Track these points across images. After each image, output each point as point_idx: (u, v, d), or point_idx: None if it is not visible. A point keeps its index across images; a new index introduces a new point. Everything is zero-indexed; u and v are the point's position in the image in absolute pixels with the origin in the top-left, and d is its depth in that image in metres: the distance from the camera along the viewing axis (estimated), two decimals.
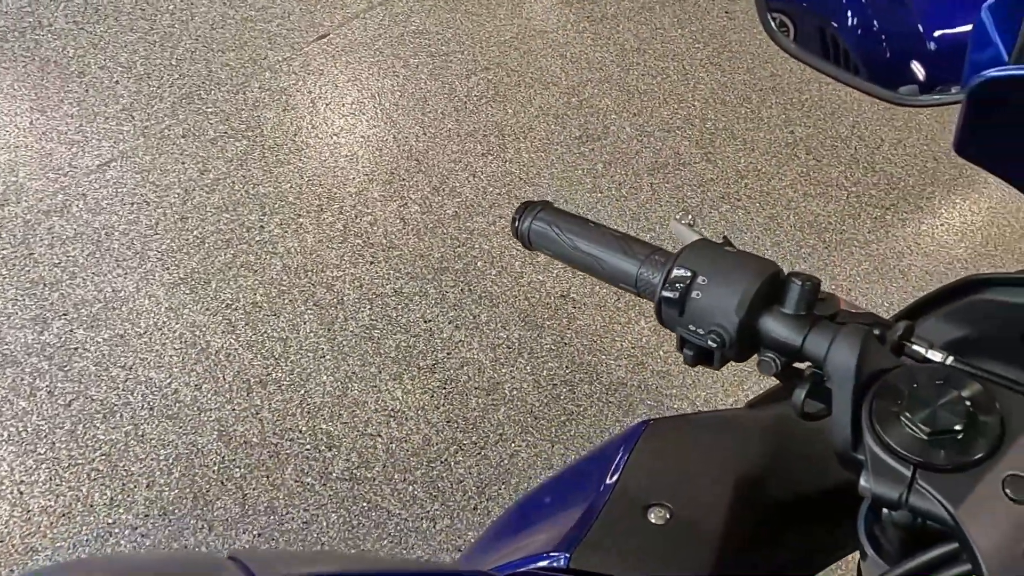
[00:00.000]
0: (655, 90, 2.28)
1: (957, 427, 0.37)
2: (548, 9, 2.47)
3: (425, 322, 1.72)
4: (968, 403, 0.37)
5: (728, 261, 0.46)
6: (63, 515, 1.41)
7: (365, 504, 1.47)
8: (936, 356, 0.43)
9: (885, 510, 0.41)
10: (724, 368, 0.48)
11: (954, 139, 0.45)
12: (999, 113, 0.43)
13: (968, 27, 0.54)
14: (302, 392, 1.59)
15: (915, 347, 0.43)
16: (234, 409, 1.55)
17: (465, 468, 1.53)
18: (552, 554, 0.50)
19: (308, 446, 1.52)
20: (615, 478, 0.55)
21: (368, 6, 2.39)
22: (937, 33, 0.59)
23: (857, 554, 0.46)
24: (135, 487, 1.45)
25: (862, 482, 0.39)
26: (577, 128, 2.15)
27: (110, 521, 1.41)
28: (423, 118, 2.12)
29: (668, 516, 0.51)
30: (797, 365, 0.47)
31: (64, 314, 1.66)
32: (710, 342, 0.45)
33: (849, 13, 0.63)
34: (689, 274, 0.46)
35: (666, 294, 0.46)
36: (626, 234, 0.54)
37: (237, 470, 1.48)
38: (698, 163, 2.11)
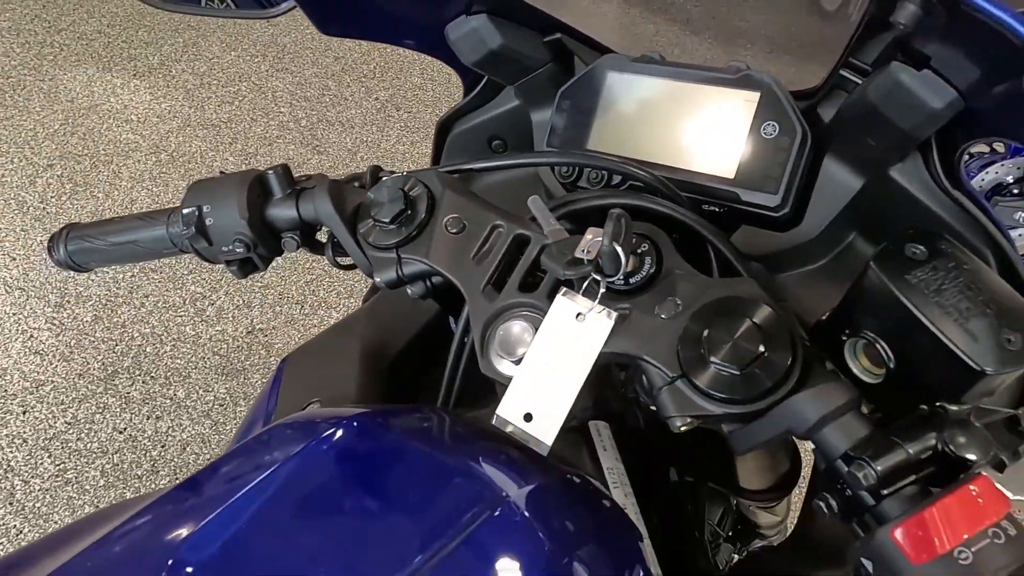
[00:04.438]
0: (239, 113, 2.29)
1: (394, 203, 0.48)
2: (87, 83, 2.31)
3: (120, 433, 1.57)
4: (403, 184, 0.50)
5: (221, 184, 0.54)
6: None
7: None
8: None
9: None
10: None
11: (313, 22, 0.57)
12: None
13: None
14: None
15: (383, 177, 0.56)
16: None
17: None
18: None
19: None
20: (271, 417, 0.60)
21: None
22: None
23: None
24: None
25: (376, 279, 0.50)
26: (180, 178, 2.08)
27: None
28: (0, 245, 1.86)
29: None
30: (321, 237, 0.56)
31: None
32: (238, 249, 0.53)
33: None
34: (195, 208, 0.53)
35: (187, 233, 0.52)
36: (148, 211, 0.59)
37: None
38: (311, 158, 2.19)
